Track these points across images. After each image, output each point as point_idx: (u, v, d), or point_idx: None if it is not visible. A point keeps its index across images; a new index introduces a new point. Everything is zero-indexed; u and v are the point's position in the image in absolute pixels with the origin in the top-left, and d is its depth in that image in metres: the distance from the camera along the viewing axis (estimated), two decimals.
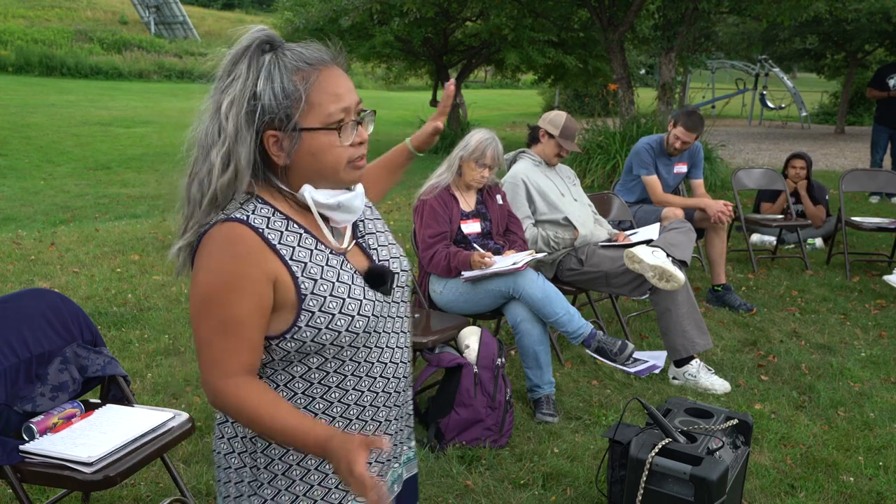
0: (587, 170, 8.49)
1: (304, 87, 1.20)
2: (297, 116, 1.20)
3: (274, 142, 1.22)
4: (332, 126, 1.22)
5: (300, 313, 1.22)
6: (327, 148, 1.23)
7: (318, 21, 10.95)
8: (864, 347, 4.07)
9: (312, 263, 1.24)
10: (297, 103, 1.20)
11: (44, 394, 2.20)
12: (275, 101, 1.19)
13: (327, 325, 1.23)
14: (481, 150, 3.33)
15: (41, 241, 6.16)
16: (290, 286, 1.21)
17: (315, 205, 1.26)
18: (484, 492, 2.63)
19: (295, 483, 1.32)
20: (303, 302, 1.22)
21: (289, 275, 1.21)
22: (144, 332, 4.14)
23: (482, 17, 11.91)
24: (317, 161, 1.23)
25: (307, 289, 1.22)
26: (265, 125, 1.20)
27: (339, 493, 1.34)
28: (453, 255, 3.26)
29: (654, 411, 2.29)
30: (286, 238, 1.23)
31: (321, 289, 1.23)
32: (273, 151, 1.23)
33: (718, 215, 4.55)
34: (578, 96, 20.04)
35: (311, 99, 1.21)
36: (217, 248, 1.19)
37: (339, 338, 1.25)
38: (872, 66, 17.62)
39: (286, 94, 1.19)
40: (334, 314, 1.23)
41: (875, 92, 8.42)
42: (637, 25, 10.55)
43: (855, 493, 2.66)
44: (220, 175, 1.20)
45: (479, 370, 2.98)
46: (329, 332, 1.23)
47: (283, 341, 1.23)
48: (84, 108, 17.38)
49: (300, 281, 1.22)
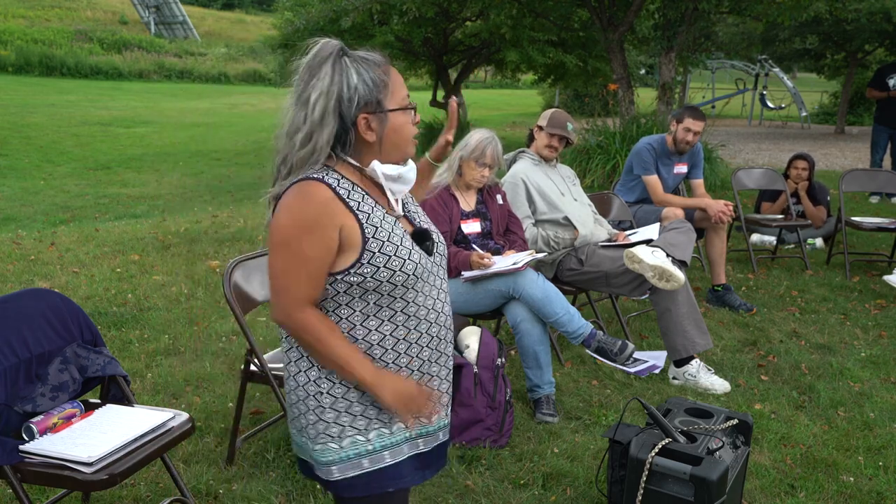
0: (587, 170, 8.49)
1: (384, 77, 1.52)
2: (382, 99, 1.51)
3: (365, 123, 1.51)
4: (408, 107, 1.56)
5: (364, 252, 1.49)
6: (405, 125, 1.56)
7: (319, 21, 10.95)
8: (864, 347, 4.07)
9: (374, 215, 1.53)
10: (384, 90, 1.52)
11: (44, 394, 2.20)
12: (367, 90, 1.50)
13: (385, 263, 1.50)
14: (481, 149, 3.33)
15: (41, 241, 6.16)
16: (357, 230, 1.49)
17: (383, 176, 1.55)
18: (484, 492, 2.63)
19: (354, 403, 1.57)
20: (366, 243, 1.50)
21: (356, 221, 1.50)
22: (144, 332, 4.14)
23: (482, 16, 11.91)
24: (398, 136, 1.55)
25: (370, 233, 1.50)
26: (359, 109, 1.50)
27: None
28: (454, 255, 3.26)
29: (654, 411, 2.29)
30: (352, 195, 1.52)
31: (380, 235, 1.51)
32: (363, 130, 1.52)
33: (719, 215, 4.55)
34: (578, 96, 20.02)
35: (391, 87, 1.53)
36: (296, 198, 1.48)
37: (393, 276, 1.51)
38: (872, 66, 17.62)
39: (376, 83, 1.51)
40: (390, 255, 1.51)
41: (875, 92, 8.42)
42: (637, 25, 10.55)
43: (855, 493, 2.66)
44: (298, 150, 1.50)
45: (479, 370, 2.98)
46: (386, 270, 1.50)
47: (348, 275, 1.50)
48: (84, 108, 17.38)
49: (365, 226, 1.50)
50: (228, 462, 2.78)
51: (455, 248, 3.31)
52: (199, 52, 29.29)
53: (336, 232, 1.48)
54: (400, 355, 1.57)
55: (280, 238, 1.48)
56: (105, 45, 27.72)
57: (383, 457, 1.58)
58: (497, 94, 29.98)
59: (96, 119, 15.76)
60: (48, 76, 23.73)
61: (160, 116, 17.09)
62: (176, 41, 30.43)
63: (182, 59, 28.03)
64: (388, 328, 1.55)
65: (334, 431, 1.55)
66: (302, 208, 1.47)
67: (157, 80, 25.91)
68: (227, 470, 2.75)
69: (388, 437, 1.58)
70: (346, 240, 1.49)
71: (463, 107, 14.60)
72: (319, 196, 1.47)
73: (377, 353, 1.55)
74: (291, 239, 1.46)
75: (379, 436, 1.58)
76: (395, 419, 1.58)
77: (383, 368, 1.55)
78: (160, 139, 14.17)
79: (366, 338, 1.54)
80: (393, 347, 1.56)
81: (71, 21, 30.07)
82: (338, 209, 1.48)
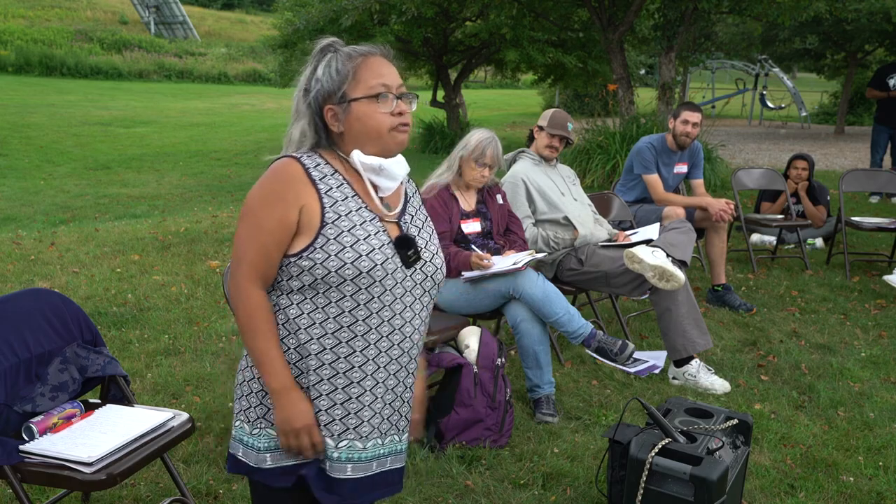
0: (587, 170, 8.49)
1: (352, 67, 1.50)
2: (346, 89, 1.49)
3: (332, 115, 1.51)
4: (372, 94, 1.49)
5: (318, 236, 1.46)
6: (370, 114, 1.50)
7: (319, 21, 10.95)
8: (864, 347, 4.07)
9: (342, 204, 1.49)
10: (346, 79, 1.49)
11: (44, 394, 2.20)
12: (330, 81, 1.50)
13: (337, 252, 1.45)
14: (481, 149, 3.33)
15: (41, 241, 6.16)
16: (317, 212, 1.47)
17: (361, 165, 1.52)
18: (484, 492, 2.63)
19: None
20: (323, 227, 1.46)
21: (319, 203, 1.47)
22: (144, 332, 4.14)
23: (482, 16, 11.91)
24: (362, 125, 1.50)
25: (330, 218, 1.47)
26: (325, 100, 1.50)
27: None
28: (454, 256, 3.26)
29: (654, 411, 2.29)
30: (327, 180, 1.50)
31: (342, 223, 1.47)
32: (331, 122, 1.52)
33: (720, 214, 4.55)
34: (578, 96, 20.02)
35: (358, 76, 1.50)
36: (268, 172, 1.51)
37: (343, 268, 1.45)
38: (872, 66, 17.61)
39: (338, 73, 1.50)
40: (345, 246, 1.45)
41: (875, 92, 8.42)
42: (637, 25, 10.55)
43: (855, 493, 2.66)
44: (285, 145, 1.56)
45: (479, 370, 2.98)
46: (336, 260, 1.45)
47: (301, 258, 1.46)
48: (84, 108, 17.38)
49: (326, 210, 1.47)
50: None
51: (455, 248, 3.31)
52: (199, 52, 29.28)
53: (296, 210, 1.46)
54: (338, 359, 1.49)
55: (245, 208, 1.49)
56: (105, 45, 27.71)
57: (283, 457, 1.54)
58: (497, 94, 29.98)
59: (96, 119, 15.76)
60: (48, 76, 23.73)
61: (160, 116, 17.09)
62: (176, 41, 30.42)
63: (182, 59, 28.02)
64: (332, 326, 1.48)
65: (252, 415, 1.55)
66: (269, 181, 1.48)
67: (157, 80, 25.91)
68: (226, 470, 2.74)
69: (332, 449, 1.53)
70: (306, 221, 1.46)
71: (463, 107, 14.61)
72: (288, 172, 1.48)
73: (314, 348, 1.49)
74: (253, 209, 1.47)
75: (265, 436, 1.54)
76: (346, 435, 1.53)
77: (295, 387, 1.49)
78: (160, 139, 14.17)
79: (307, 329, 1.49)
80: (332, 348, 1.49)
81: (71, 21, 30.06)
82: (303, 188, 1.47)
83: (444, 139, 13.16)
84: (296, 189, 1.47)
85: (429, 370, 3.05)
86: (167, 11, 31.84)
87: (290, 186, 1.47)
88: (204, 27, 34.06)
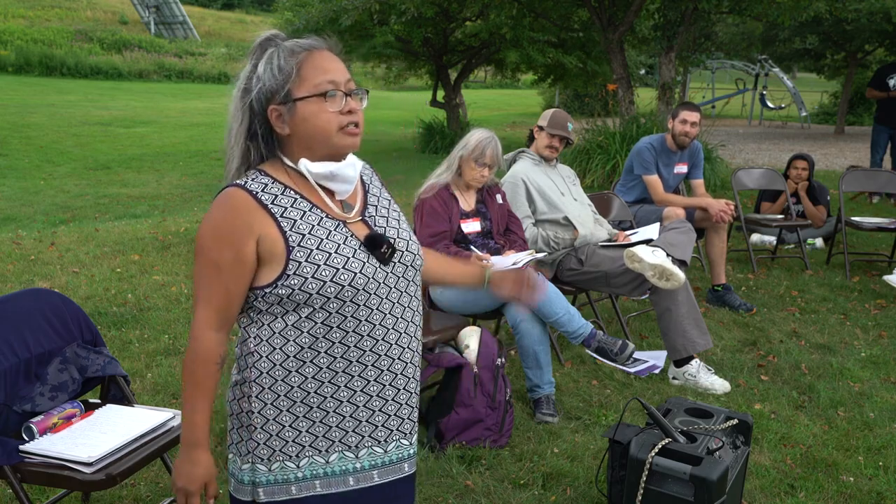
0: (587, 170, 8.49)
1: (296, 64, 1.39)
2: (289, 87, 1.39)
3: (277, 116, 1.41)
4: (319, 93, 1.39)
5: (288, 262, 1.38)
6: (317, 113, 1.39)
7: (318, 21, 10.95)
8: (864, 347, 4.07)
9: (303, 221, 1.41)
10: (289, 77, 1.39)
11: (43, 393, 2.20)
12: (273, 79, 1.39)
13: (313, 274, 1.37)
14: (481, 149, 3.33)
15: (41, 241, 6.16)
16: (279, 239, 1.38)
17: (311, 175, 1.43)
18: (484, 492, 2.63)
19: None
20: (290, 252, 1.38)
21: (277, 229, 1.38)
22: (144, 332, 4.14)
23: (482, 16, 11.91)
24: (309, 125, 1.40)
25: (294, 241, 1.38)
26: (267, 101, 1.40)
27: (356, 436, 1.48)
28: (453, 256, 3.26)
29: (654, 411, 2.29)
30: (280, 200, 1.41)
31: (308, 242, 1.39)
32: (276, 124, 1.42)
33: (720, 214, 4.55)
34: (578, 96, 20.04)
35: (302, 73, 1.39)
36: (214, 206, 1.41)
37: (324, 287, 1.38)
38: (872, 66, 17.61)
39: (281, 70, 1.39)
40: (319, 265, 1.38)
41: (875, 92, 8.42)
42: (637, 25, 10.55)
43: (855, 493, 2.66)
44: (228, 148, 1.45)
45: (479, 370, 2.98)
46: (315, 282, 1.37)
47: (276, 288, 1.39)
48: (84, 108, 17.38)
49: (288, 234, 1.39)
50: None
51: (455, 248, 3.31)
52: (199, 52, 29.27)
53: (252, 242, 1.37)
54: (337, 374, 1.43)
55: (197, 246, 1.41)
56: (105, 45, 27.70)
57: (314, 485, 1.47)
58: (497, 94, 29.98)
59: (96, 119, 15.75)
60: (48, 76, 23.72)
61: (160, 116, 17.08)
62: (176, 41, 30.42)
63: (182, 59, 28.00)
64: (324, 345, 1.41)
65: (264, 453, 1.45)
66: (217, 216, 1.39)
67: (157, 80, 25.90)
68: (227, 470, 2.74)
69: (322, 465, 1.46)
70: (268, 251, 1.38)
71: (463, 107, 14.62)
72: (235, 204, 1.38)
73: (310, 371, 1.42)
74: (205, 247, 1.39)
75: (311, 464, 1.46)
76: (334, 448, 1.46)
77: (205, 446, 1.43)
78: (160, 139, 14.16)
79: (298, 355, 1.41)
80: (329, 366, 1.42)
81: (71, 21, 30.06)
82: (256, 218, 1.37)
83: (444, 139, 13.16)
84: (247, 220, 1.37)
85: (429, 370, 3.05)
86: (167, 11, 31.83)
87: (240, 218, 1.37)
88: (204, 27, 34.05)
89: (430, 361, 3.02)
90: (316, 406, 1.44)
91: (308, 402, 1.43)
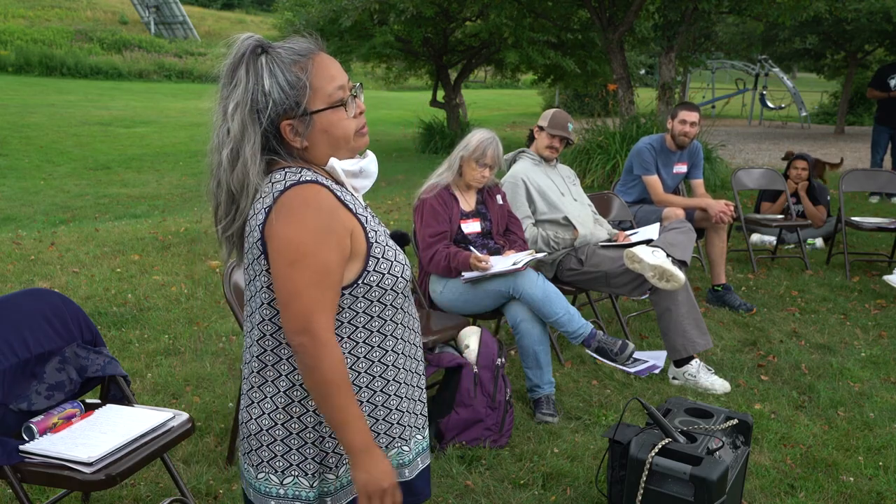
0: (587, 170, 8.49)
1: (306, 76, 1.35)
2: (305, 102, 1.35)
3: (290, 129, 1.37)
4: (337, 104, 1.38)
5: (369, 258, 1.38)
6: (337, 123, 1.39)
7: (318, 21, 10.96)
8: (864, 347, 4.07)
9: (367, 216, 1.42)
10: (303, 91, 1.35)
11: (39, 392, 2.20)
12: (283, 94, 1.34)
13: (388, 269, 1.40)
14: (482, 149, 3.33)
15: (41, 241, 6.16)
16: (362, 235, 1.38)
17: (343, 173, 1.42)
18: (484, 492, 2.63)
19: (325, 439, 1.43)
20: (371, 248, 1.38)
21: (360, 225, 1.38)
22: (144, 332, 4.14)
23: (482, 16, 11.91)
24: (330, 136, 1.39)
25: (372, 237, 1.39)
26: (280, 117, 1.35)
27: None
28: (453, 256, 3.26)
29: (654, 411, 2.29)
30: (344, 196, 1.39)
31: (380, 238, 1.41)
32: (290, 138, 1.37)
33: (720, 215, 4.55)
34: (578, 96, 20.05)
35: (314, 85, 1.36)
36: (300, 207, 1.31)
37: (396, 283, 1.41)
38: (872, 66, 17.62)
39: (291, 86, 1.34)
40: (392, 261, 1.41)
41: (876, 92, 8.42)
42: (637, 25, 10.55)
43: (855, 493, 2.66)
44: (230, 171, 1.35)
45: (479, 370, 2.98)
46: (390, 277, 1.40)
47: (356, 287, 1.38)
48: (84, 108, 17.38)
49: (368, 230, 1.39)
50: (228, 462, 2.78)
51: (455, 248, 3.31)
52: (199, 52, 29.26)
53: (348, 238, 1.35)
54: (399, 371, 1.46)
55: (295, 253, 1.30)
56: (105, 45, 27.70)
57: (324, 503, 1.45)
58: (497, 94, 29.98)
59: (96, 119, 15.75)
60: (48, 76, 23.72)
61: (160, 116, 17.08)
62: (176, 41, 30.41)
63: (182, 59, 28.00)
64: (391, 343, 1.43)
65: (279, 465, 1.42)
66: (314, 217, 1.31)
67: (157, 80, 25.90)
68: (227, 470, 2.75)
69: (334, 482, 1.44)
70: (355, 247, 1.36)
71: (463, 107, 14.62)
72: (326, 201, 1.33)
73: (377, 370, 1.42)
74: (309, 253, 1.30)
75: (323, 482, 1.44)
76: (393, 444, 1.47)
77: (377, 445, 1.39)
78: (160, 139, 14.16)
79: (367, 355, 1.41)
80: (393, 363, 1.45)
81: (71, 21, 30.05)
82: (343, 213, 1.35)
83: (444, 139, 13.16)
84: (339, 217, 1.34)
85: (429, 370, 3.05)
86: (167, 11, 31.83)
87: (334, 216, 1.34)
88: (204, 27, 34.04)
89: (430, 361, 3.02)
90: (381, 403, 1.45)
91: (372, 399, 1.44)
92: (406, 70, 15.57)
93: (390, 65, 15.44)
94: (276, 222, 1.31)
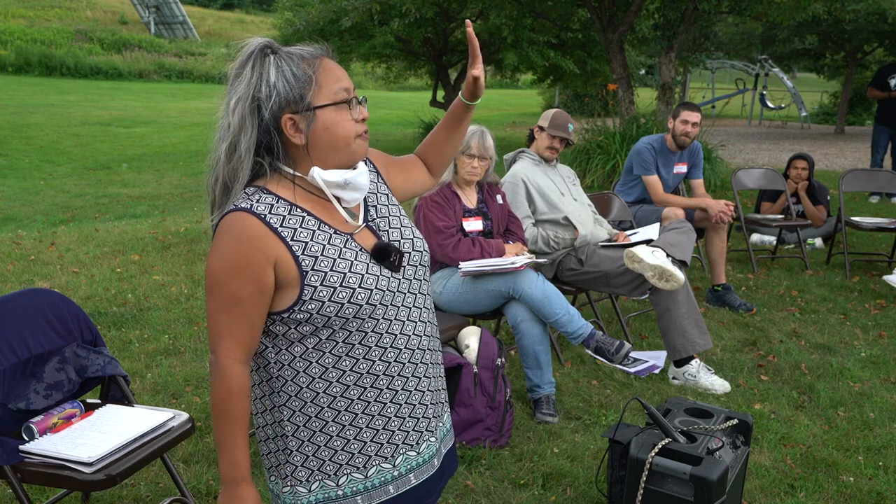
0: (587, 170, 8.49)
1: (313, 71, 1.35)
2: (309, 96, 1.34)
3: (291, 124, 1.35)
4: (341, 101, 1.37)
5: (303, 288, 1.34)
6: (339, 122, 1.37)
7: (319, 21, 10.95)
8: (864, 347, 4.07)
9: (314, 242, 1.36)
10: (308, 84, 1.34)
11: (38, 391, 2.20)
12: (288, 86, 1.34)
13: (330, 297, 1.34)
14: (465, 142, 3.34)
15: (41, 241, 6.16)
16: (292, 265, 1.34)
17: (325, 184, 1.39)
18: (484, 492, 2.63)
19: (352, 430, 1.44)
20: (304, 278, 1.34)
21: (290, 254, 1.34)
22: (144, 332, 4.14)
23: (482, 17, 11.91)
24: (330, 135, 1.37)
25: (308, 265, 1.34)
26: (282, 109, 1.34)
27: (391, 446, 1.46)
28: (485, 242, 3.29)
29: (654, 411, 2.29)
30: (288, 221, 1.36)
31: (322, 265, 1.35)
32: (290, 133, 1.36)
33: (720, 215, 4.56)
34: (578, 96, 20.04)
35: (320, 81, 1.35)
36: (224, 235, 1.33)
37: (342, 309, 1.35)
38: (872, 66, 17.63)
39: (297, 78, 1.34)
40: (335, 287, 1.35)
41: (876, 92, 8.42)
42: (637, 25, 10.55)
43: (855, 493, 2.66)
44: (226, 162, 1.35)
45: (479, 370, 2.98)
46: (332, 305, 1.35)
47: (292, 313, 1.35)
48: (84, 108, 17.37)
49: (300, 259, 1.34)
50: None
51: (459, 234, 3.34)
52: (199, 52, 29.25)
53: (270, 269, 1.33)
54: (365, 390, 1.42)
55: (211, 280, 1.34)
56: (105, 45, 27.69)
57: (355, 501, 1.46)
58: (497, 94, 29.98)
59: (96, 119, 15.75)
60: (48, 76, 23.71)
61: (160, 116, 17.08)
62: (176, 41, 30.41)
63: (182, 59, 27.99)
64: (348, 363, 1.39)
65: (302, 475, 1.43)
66: (230, 247, 1.32)
67: (157, 80, 25.89)
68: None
69: (362, 481, 1.45)
70: (283, 276, 1.34)
71: None
72: (247, 231, 1.31)
73: (337, 390, 1.40)
74: (222, 282, 1.32)
75: (350, 481, 1.45)
76: (371, 462, 1.45)
77: (248, 480, 1.39)
78: (160, 139, 14.16)
79: (323, 376, 1.39)
80: (356, 383, 1.41)
81: (71, 21, 30.05)
82: (269, 243, 1.32)
83: None
84: (262, 247, 1.32)
85: None
86: (167, 11, 31.82)
87: (255, 246, 1.31)
88: (204, 27, 34.04)
89: None
90: (348, 424, 1.42)
91: (340, 420, 1.42)
92: (406, 70, 15.57)
93: (390, 65, 15.44)
94: (210, 251, 1.37)
